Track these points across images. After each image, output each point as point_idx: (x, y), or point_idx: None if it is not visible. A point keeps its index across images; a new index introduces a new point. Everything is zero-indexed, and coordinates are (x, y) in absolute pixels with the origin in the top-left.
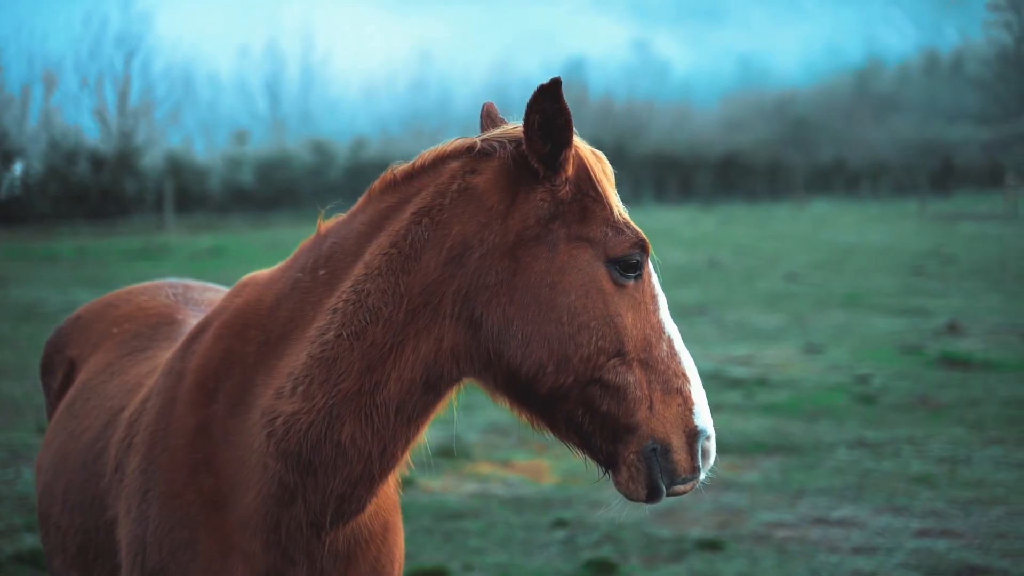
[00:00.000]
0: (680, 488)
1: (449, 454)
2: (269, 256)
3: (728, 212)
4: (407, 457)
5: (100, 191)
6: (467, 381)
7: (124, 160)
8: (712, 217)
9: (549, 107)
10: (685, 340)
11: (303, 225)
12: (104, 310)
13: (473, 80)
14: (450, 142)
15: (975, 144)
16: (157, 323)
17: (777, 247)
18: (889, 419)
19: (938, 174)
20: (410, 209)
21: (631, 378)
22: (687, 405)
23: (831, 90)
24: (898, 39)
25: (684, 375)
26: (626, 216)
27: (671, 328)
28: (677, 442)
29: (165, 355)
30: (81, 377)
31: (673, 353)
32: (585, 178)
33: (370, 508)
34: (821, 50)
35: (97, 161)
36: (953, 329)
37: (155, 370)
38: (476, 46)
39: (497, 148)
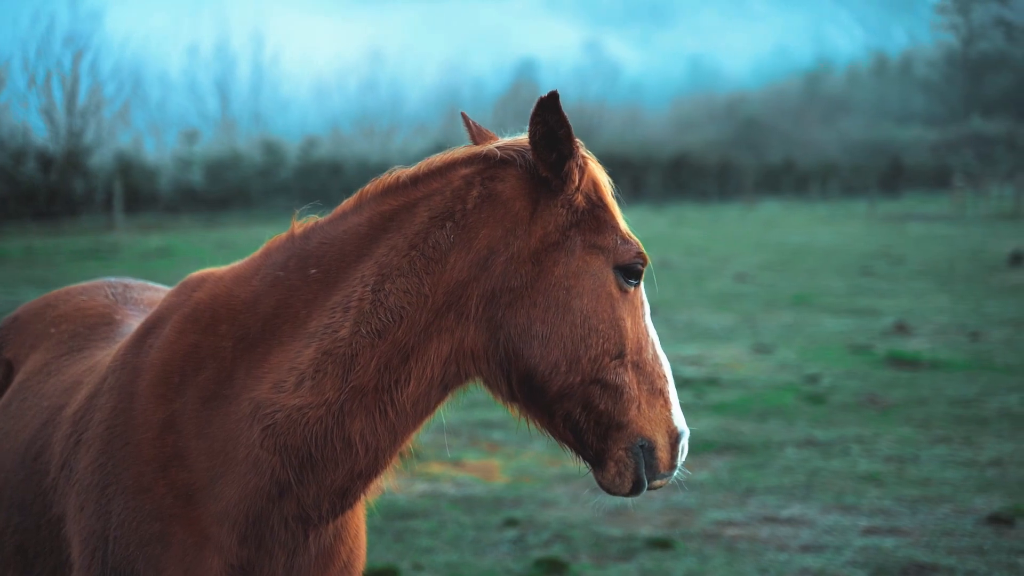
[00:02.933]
0: (657, 483)
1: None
2: (219, 256)
3: (679, 212)
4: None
5: (48, 190)
6: (473, 382)
7: (72, 159)
8: (663, 217)
9: (550, 118)
10: None
11: (253, 225)
12: (42, 310)
13: (424, 80)
14: (459, 149)
15: (923, 145)
16: (95, 323)
17: (727, 247)
18: (838, 418)
19: (887, 175)
20: (424, 212)
21: (627, 379)
22: (667, 406)
23: (781, 92)
24: (847, 41)
25: (664, 377)
26: (626, 227)
27: (654, 333)
28: (661, 441)
29: (103, 354)
30: (18, 378)
31: (656, 356)
32: (595, 189)
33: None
34: (771, 52)
35: (45, 160)
36: (901, 329)
37: (94, 368)
38: (427, 47)
39: (517, 157)
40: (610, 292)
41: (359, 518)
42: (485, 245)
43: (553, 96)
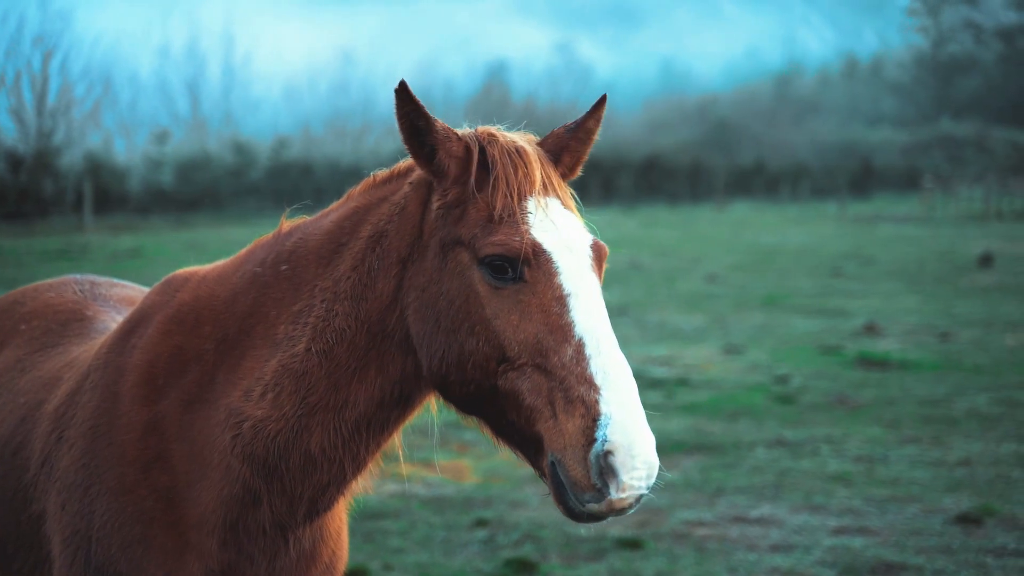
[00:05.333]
0: (595, 508)
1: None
2: (189, 257)
3: (650, 214)
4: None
5: (18, 191)
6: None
7: (42, 160)
8: (634, 219)
9: (409, 110)
10: None
11: (224, 226)
12: (9, 308)
13: (395, 81)
14: None
15: (893, 147)
16: (66, 319)
17: (698, 249)
18: (807, 418)
19: (857, 177)
20: (368, 228)
21: (524, 385)
22: (590, 415)
23: (752, 93)
24: (818, 43)
25: (590, 381)
26: (519, 215)
27: (587, 330)
28: (572, 456)
29: (79, 350)
30: None
31: (580, 358)
32: (474, 175)
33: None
34: (742, 54)
35: (14, 161)
36: (871, 330)
37: (72, 364)
38: (398, 48)
39: None
40: (476, 291)
41: (340, 519)
42: (399, 269)
43: (401, 86)
